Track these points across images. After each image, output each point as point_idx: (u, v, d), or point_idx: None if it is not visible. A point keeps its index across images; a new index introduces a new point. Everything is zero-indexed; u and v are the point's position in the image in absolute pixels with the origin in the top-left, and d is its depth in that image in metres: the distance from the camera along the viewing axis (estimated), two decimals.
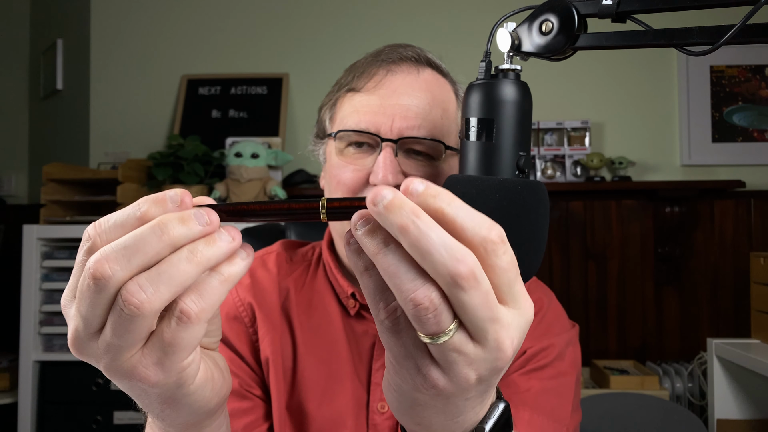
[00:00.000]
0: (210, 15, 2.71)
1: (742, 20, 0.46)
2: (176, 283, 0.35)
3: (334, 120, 0.79)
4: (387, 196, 0.34)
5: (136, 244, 0.34)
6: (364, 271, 0.37)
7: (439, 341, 0.34)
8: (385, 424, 0.76)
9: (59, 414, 2.11)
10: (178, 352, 0.37)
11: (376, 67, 0.76)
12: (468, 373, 0.36)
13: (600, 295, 2.54)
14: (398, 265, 0.34)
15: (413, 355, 0.36)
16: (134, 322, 0.34)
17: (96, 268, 0.34)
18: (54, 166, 2.27)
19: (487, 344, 0.35)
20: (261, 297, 0.81)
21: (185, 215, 0.35)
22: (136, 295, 0.34)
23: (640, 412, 1.95)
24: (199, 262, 0.35)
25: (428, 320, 0.34)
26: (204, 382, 0.41)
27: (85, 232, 0.37)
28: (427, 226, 0.33)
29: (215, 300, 0.36)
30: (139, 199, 0.36)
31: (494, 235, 0.34)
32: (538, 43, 0.54)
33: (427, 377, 0.36)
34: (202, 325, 0.37)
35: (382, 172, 0.70)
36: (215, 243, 0.36)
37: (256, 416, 0.77)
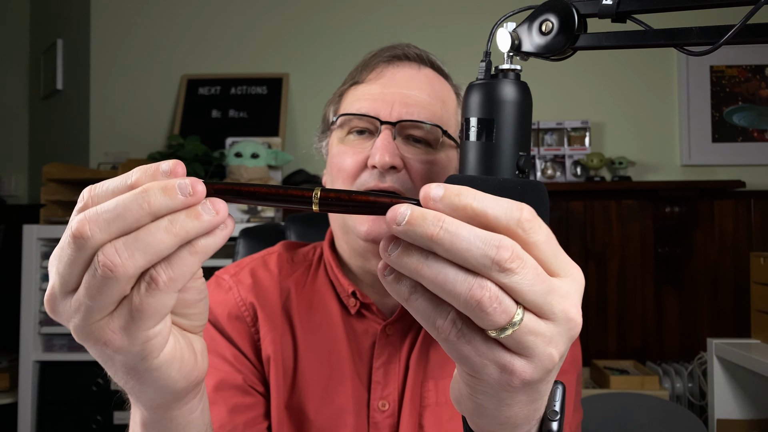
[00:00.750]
0: (210, 15, 2.71)
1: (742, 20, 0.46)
2: (152, 252, 0.35)
3: (337, 113, 0.80)
4: (405, 212, 0.34)
5: (117, 209, 0.35)
6: (410, 296, 0.36)
7: (512, 330, 0.35)
8: (386, 422, 0.77)
9: (59, 414, 2.11)
10: (144, 319, 0.37)
11: (379, 61, 0.78)
12: (551, 352, 0.36)
13: (600, 295, 2.54)
14: (444, 270, 0.34)
15: (490, 356, 0.36)
16: (107, 284, 0.35)
17: (77, 227, 0.35)
18: (54, 166, 2.27)
19: (556, 317, 0.35)
20: (262, 297, 0.81)
21: (169, 185, 0.35)
22: (110, 258, 0.34)
23: (640, 412, 1.95)
24: (177, 234, 0.35)
25: (494, 311, 0.34)
26: (170, 360, 0.40)
27: (81, 194, 0.37)
28: (455, 226, 0.33)
29: (185, 270, 0.36)
30: (134, 168, 0.37)
31: (526, 213, 0.35)
32: (538, 43, 0.54)
33: (514, 371, 0.36)
34: (171, 295, 0.37)
35: (380, 153, 0.71)
36: (198, 216, 0.35)
37: (258, 413, 0.77)
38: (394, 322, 0.79)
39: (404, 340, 0.79)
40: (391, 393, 0.77)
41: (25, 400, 2.09)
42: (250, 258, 0.88)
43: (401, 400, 0.77)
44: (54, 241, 2.18)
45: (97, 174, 2.34)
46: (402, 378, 0.78)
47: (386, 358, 0.78)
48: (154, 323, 0.38)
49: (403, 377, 0.78)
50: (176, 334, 0.42)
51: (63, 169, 2.29)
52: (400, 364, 0.78)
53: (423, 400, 0.77)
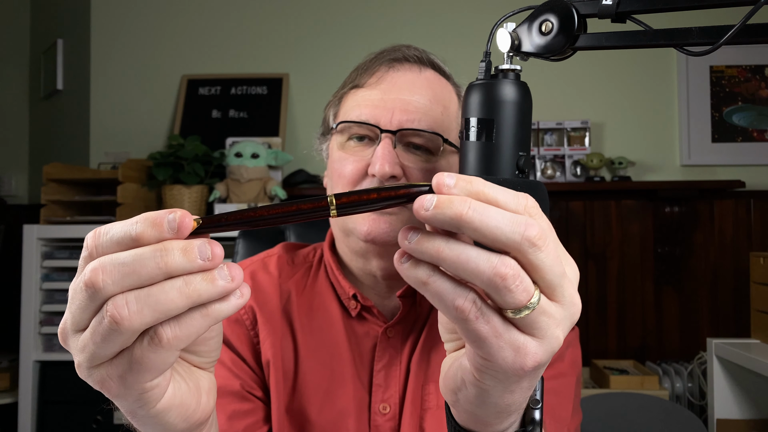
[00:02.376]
0: (210, 15, 2.71)
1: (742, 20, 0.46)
2: (162, 310, 0.35)
3: (337, 116, 0.80)
4: (432, 198, 0.35)
5: (133, 265, 0.34)
6: (428, 279, 0.36)
7: (529, 311, 0.36)
8: (387, 425, 0.76)
9: (59, 414, 2.11)
10: (142, 372, 0.37)
11: (379, 64, 0.77)
12: (558, 333, 0.37)
13: (600, 295, 2.54)
14: (467, 250, 0.35)
15: (506, 339, 0.37)
16: (111, 333, 0.35)
17: (90, 277, 0.35)
18: (54, 166, 2.27)
19: (564, 300, 0.37)
20: (262, 300, 0.81)
21: (189, 246, 0.35)
22: (119, 310, 0.34)
23: (639, 412, 1.95)
24: (189, 296, 0.35)
25: (516, 288, 0.35)
26: (168, 407, 0.40)
27: (85, 239, 0.37)
28: (483, 206, 0.35)
29: (192, 332, 0.36)
30: (138, 217, 0.36)
31: (531, 201, 0.37)
32: (537, 44, 0.54)
33: (527, 353, 0.37)
34: (173, 353, 0.36)
35: (380, 162, 0.71)
36: (213, 281, 0.35)
37: (257, 418, 0.77)
38: (395, 325, 0.79)
39: (405, 342, 0.79)
40: (392, 396, 0.77)
41: (25, 400, 2.09)
42: (250, 260, 0.87)
43: (402, 403, 0.77)
44: (54, 241, 2.18)
45: (97, 174, 2.34)
46: (403, 381, 0.78)
47: (387, 361, 0.78)
48: (152, 377, 0.38)
49: (404, 380, 0.78)
50: (178, 380, 0.41)
51: (63, 169, 2.29)
52: (401, 367, 0.78)
53: (424, 403, 0.76)
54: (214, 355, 0.44)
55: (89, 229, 2.10)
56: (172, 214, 0.35)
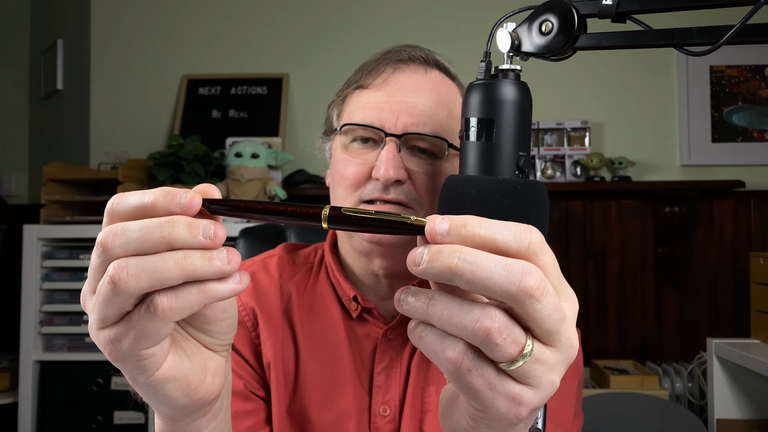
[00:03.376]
0: (210, 15, 2.71)
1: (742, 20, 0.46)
2: (157, 278, 0.36)
3: (341, 116, 0.79)
4: (422, 252, 0.34)
5: (140, 231, 0.36)
6: (420, 334, 0.37)
7: (522, 362, 0.34)
8: (387, 427, 0.76)
9: (59, 414, 2.11)
10: (138, 339, 0.38)
11: (384, 65, 0.77)
12: (553, 378, 0.36)
13: (600, 295, 2.54)
14: (450, 306, 0.34)
15: (501, 390, 0.36)
16: (111, 294, 0.36)
17: (103, 238, 0.37)
18: (54, 166, 2.27)
19: (561, 344, 0.36)
20: (263, 301, 0.81)
21: (194, 223, 0.36)
22: (118, 272, 0.36)
23: (639, 412, 1.95)
24: (185, 269, 0.36)
25: (504, 341, 0.34)
26: (167, 378, 0.41)
27: (110, 200, 0.39)
28: (474, 256, 0.33)
29: (187, 305, 0.37)
30: (156, 189, 0.38)
31: (536, 236, 0.35)
32: (537, 44, 0.54)
33: (522, 402, 0.36)
34: (167, 323, 0.38)
35: (384, 167, 0.70)
36: (210, 259, 0.36)
37: (259, 418, 0.77)
38: (395, 327, 0.78)
39: (405, 344, 0.79)
40: (393, 398, 0.77)
41: (25, 400, 2.09)
42: (251, 261, 0.87)
43: (402, 406, 0.77)
44: (54, 241, 2.18)
45: (97, 174, 2.34)
46: (403, 383, 0.78)
47: (387, 363, 0.78)
48: (148, 345, 0.39)
49: (404, 382, 0.78)
50: (181, 354, 0.42)
51: (63, 169, 2.29)
52: (402, 369, 0.78)
53: (424, 406, 0.76)
54: (226, 338, 0.45)
55: (89, 229, 2.11)
56: (186, 193, 0.37)
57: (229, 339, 0.45)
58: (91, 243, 2.17)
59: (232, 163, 2.22)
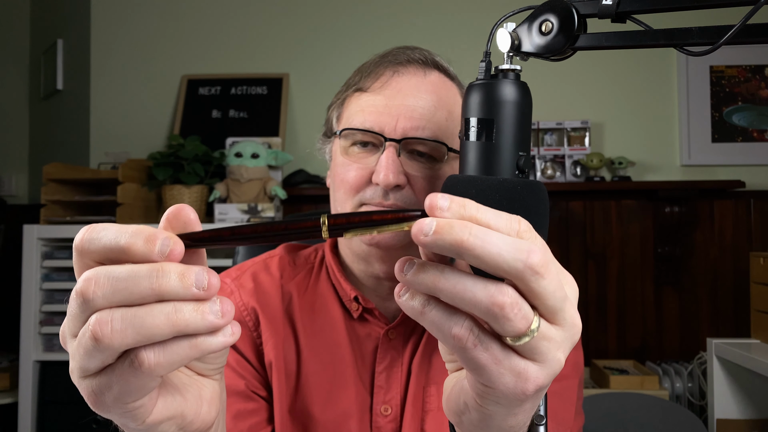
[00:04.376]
0: (210, 15, 2.71)
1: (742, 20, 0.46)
2: (145, 334, 0.34)
3: (341, 119, 0.79)
4: (431, 224, 0.34)
5: (127, 281, 0.34)
6: (424, 309, 0.36)
7: (529, 337, 0.35)
8: (389, 426, 0.76)
9: (59, 414, 2.11)
10: (123, 394, 0.36)
11: (384, 68, 0.76)
12: (559, 356, 0.37)
13: (600, 295, 2.54)
14: (463, 280, 0.34)
15: (507, 365, 0.36)
16: (92, 348, 0.34)
17: (82, 287, 0.34)
18: (54, 166, 2.27)
19: (565, 323, 0.37)
20: (264, 301, 0.81)
21: (186, 272, 0.34)
22: (102, 326, 0.33)
23: (639, 412, 1.96)
24: (176, 324, 0.34)
25: (515, 316, 0.34)
26: (159, 421, 0.39)
27: (79, 232, 0.36)
28: (484, 232, 0.33)
29: (177, 360, 0.35)
30: (134, 227, 0.35)
31: (524, 225, 0.36)
32: (537, 44, 0.54)
33: (528, 378, 0.36)
34: (154, 378, 0.35)
35: (384, 172, 0.70)
36: (203, 314, 0.34)
37: (261, 418, 0.77)
38: (396, 327, 0.79)
39: (406, 344, 0.79)
40: (394, 397, 0.77)
41: (25, 400, 2.09)
42: (252, 261, 0.87)
43: (403, 405, 0.77)
44: (54, 241, 2.18)
45: (97, 174, 2.34)
46: (404, 382, 0.78)
47: (389, 363, 0.78)
48: (134, 399, 0.36)
49: (405, 382, 0.78)
50: (173, 392, 0.40)
51: (63, 169, 2.29)
52: (403, 369, 0.78)
53: (425, 405, 0.76)
54: (220, 362, 0.43)
55: None
56: (168, 239, 0.34)
57: (223, 361, 0.44)
58: None
59: (232, 163, 2.22)
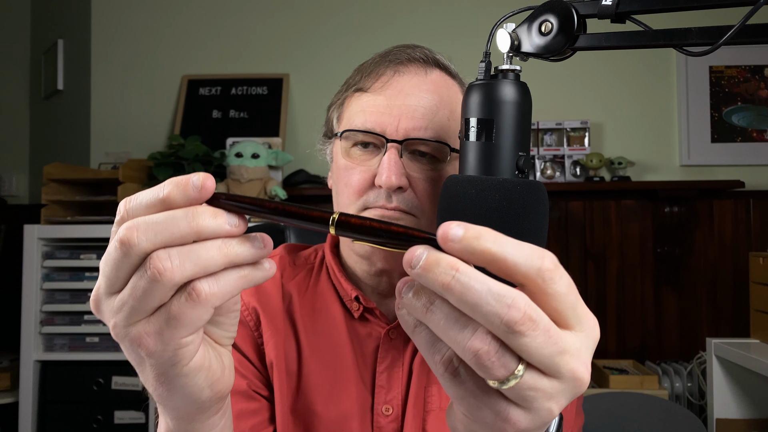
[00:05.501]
0: (210, 15, 2.71)
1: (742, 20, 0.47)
2: (201, 265, 0.37)
3: (341, 120, 0.79)
4: (421, 255, 0.33)
5: (166, 223, 0.37)
6: (414, 329, 0.37)
7: (509, 384, 0.34)
8: (390, 426, 0.76)
9: (60, 413, 2.11)
10: (179, 328, 0.38)
11: (384, 68, 0.76)
12: (550, 406, 0.35)
13: (599, 295, 2.54)
14: (446, 319, 0.34)
15: (486, 402, 0.35)
16: (153, 286, 0.37)
17: (125, 234, 0.37)
18: (55, 166, 2.27)
19: (563, 376, 0.34)
20: (265, 301, 0.81)
21: (218, 212, 0.38)
22: (163, 262, 0.36)
23: (639, 412, 1.96)
24: (227, 254, 0.38)
25: (493, 365, 0.33)
26: (198, 368, 0.42)
27: (118, 206, 0.40)
28: (469, 277, 0.32)
29: (228, 290, 0.38)
30: (165, 182, 0.39)
31: (548, 262, 0.34)
32: (537, 44, 0.54)
33: (509, 420, 0.35)
34: (208, 309, 0.38)
35: (386, 174, 0.70)
36: (248, 245, 0.38)
37: (263, 417, 0.77)
38: (397, 326, 0.78)
39: (407, 344, 0.79)
40: (395, 397, 0.77)
41: (25, 400, 2.09)
42: None
43: (405, 405, 0.77)
44: (54, 241, 2.18)
45: (98, 174, 2.35)
46: (406, 382, 0.78)
47: (390, 362, 0.78)
48: (188, 333, 0.39)
49: (406, 381, 0.78)
50: (206, 345, 0.43)
51: (64, 169, 2.30)
52: (404, 369, 0.78)
53: (426, 405, 0.76)
54: (233, 330, 0.46)
55: (90, 229, 2.11)
56: (196, 176, 0.38)
57: (234, 332, 0.46)
58: (91, 243, 2.17)
59: (233, 163, 2.22)
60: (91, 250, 2.15)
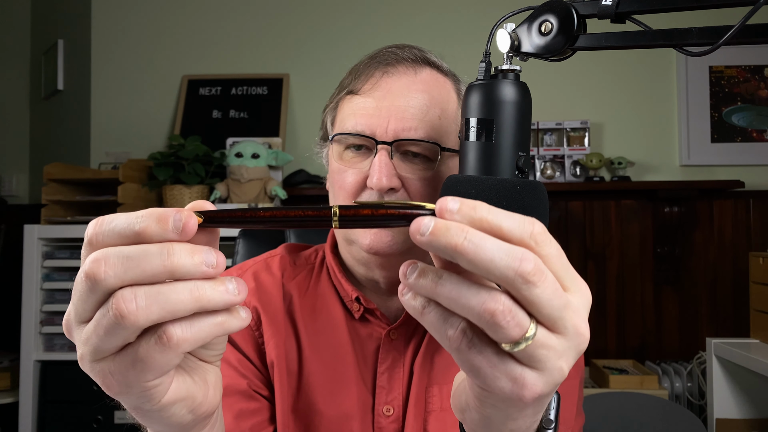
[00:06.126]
0: (210, 15, 2.71)
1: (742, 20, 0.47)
2: (169, 309, 0.35)
3: (335, 123, 0.79)
4: (429, 223, 0.34)
5: (138, 259, 0.34)
6: (423, 310, 0.37)
7: (525, 344, 0.35)
8: (391, 427, 0.76)
9: (60, 413, 2.11)
10: (145, 371, 0.36)
11: (373, 69, 0.76)
12: (560, 365, 0.36)
13: (599, 295, 2.54)
14: (459, 287, 0.35)
15: (502, 369, 0.36)
16: (115, 327, 0.34)
17: (91, 267, 0.34)
18: (55, 166, 2.27)
19: (567, 332, 0.36)
20: (265, 300, 0.81)
21: (196, 250, 0.35)
22: (126, 303, 0.34)
23: (639, 412, 1.96)
24: (198, 299, 0.35)
25: (508, 324, 0.34)
26: (173, 402, 0.40)
27: (87, 227, 0.37)
28: (480, 238, 0.34)
29: (201, 337, 0.36)
30: (144, 211, 0.36)
31: (538, 227, 0.35)
32: (537, 44, 0.54)
33: (525, 384, 0.36)
34: (178, 354, 0.36)
35: (377, 175, 0.70)
36: (221, 290, 0.36)
37: (263, 417, 0.77)
38: (398, 327, 0.79)
39: (408, 344, 0.79)
40: (396, 398, 0.77)
41: (26, 400, 2.09)
42: (253, 261, 0.87)
43: (406, 405, 0.77)
44: (54, 241, 2.18)
45: (98, 174, 2.35)
46: (406, 383, 0.78)
47: (390, 363, 0.78)
48: (155, 376, 0.37)
49: (407, 382, 0.78)
50: (184, 374, 0.41)
51: (64, 169, 2.30)
52: (405, 369, 0.78)
53: (427, 406, 0.77)
54: (221, 348, 0.44)
55: None
56: (179, 214, 0.35)
57: (223, 349, 0.45)
58: None
59: (233, 163, 2.22)
60: None
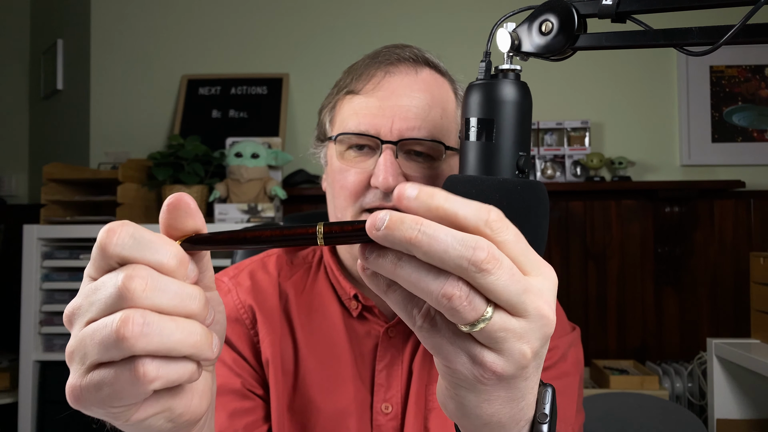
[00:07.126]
0: (210, 15, 2.71)
1: (742, 20, 0.46)
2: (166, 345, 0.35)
3: (334, 123, 0.79)
4: (384, 217, 0.34)
5: (176, 295, 0.35)
6: (388, 289, 0.38)
7: (480, 326, 0.36)
8: (390, 425, 0.76)
9: (59, 414, 2.11)
10: (111, 398, 0.35)
11: (374, 69, 0.76)
12: (522, 348, 0.37)
13: (600, 295, 2.54)
14: (418, 271, 0.35)
15: (462, 346, 0.37)
16: (111, 342, 0.34)
17: (134, 283, 0.34)
18: (54, 166, 2.27)
19: (529, 315, 0.36)
20: (261, 299, 0.81)
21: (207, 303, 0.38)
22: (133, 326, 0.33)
23: (639, 412, 1.95)
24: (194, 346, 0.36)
25: (464, 308, 0.35)
26: (144, 419, 0.38)
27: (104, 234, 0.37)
28: (433, 229, 0.34)
29: (173, 379, 0.36)
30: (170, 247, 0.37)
31: (494, 215, 0.36)
32: (537, 44, 0.54)
33: (484, 363, 0.37)
34: (148, 391, 0.35)
35: (383, 175, 0.70)
36: (210, 345, 0.37)
37: (257, 416, 0.77)
38: (396, 325, 0.79)
39: (407, 342, 0.79)
40: (395, 396, 0.77)
41: (25, 400, 2.09)
42: (250, 260, 0.87)
43: (405, 403, 0.77)
44: (54, 241, 2.18)
45: (97, 174, 2.34)
46: (405, 381, 0.78)
47: (389, 361, 0.78)
48: (120, 405, 0.36)
49: (406, 380, 0.78)
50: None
51: (63, 169, 2.29)
52: (403, 367, 0.78)
53: (428, 404, 0.77)
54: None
55: (89, 229, 2.11)
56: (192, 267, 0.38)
57: (217, 354, 0.43)
58: (91, 243, 2.17)
59: (232, 163, 2.22)
60: (90, 250, 2.14)
